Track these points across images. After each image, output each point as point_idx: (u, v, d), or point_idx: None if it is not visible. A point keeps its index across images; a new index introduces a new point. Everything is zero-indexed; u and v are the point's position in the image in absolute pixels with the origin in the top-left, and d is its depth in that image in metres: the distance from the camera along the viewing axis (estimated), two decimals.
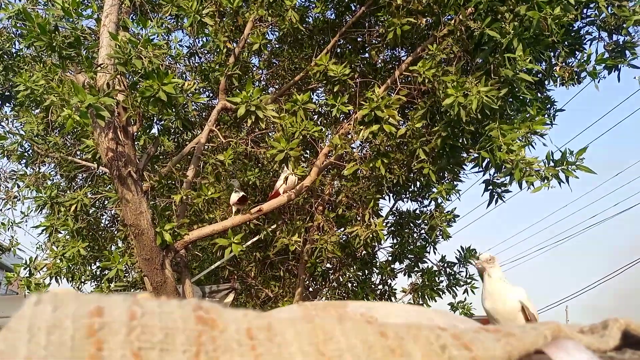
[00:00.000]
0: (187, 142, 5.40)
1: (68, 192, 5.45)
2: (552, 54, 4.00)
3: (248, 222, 4.61)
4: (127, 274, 6.25)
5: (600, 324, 0.45)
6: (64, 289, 0.30)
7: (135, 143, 3.91)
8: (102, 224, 5.99)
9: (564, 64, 4.13)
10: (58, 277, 4.34)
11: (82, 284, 5.39)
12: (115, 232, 5.71)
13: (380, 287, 5.98)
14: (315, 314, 0.38)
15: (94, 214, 5.33)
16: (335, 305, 0.56)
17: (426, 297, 5.43)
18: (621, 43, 4.17)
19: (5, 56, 5.16)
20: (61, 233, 4.68)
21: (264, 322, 0.31)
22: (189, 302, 0.31)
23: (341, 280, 6.10)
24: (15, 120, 5.24)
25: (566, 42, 4.05)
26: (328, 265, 5.95)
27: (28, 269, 4.27)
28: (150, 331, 0.28)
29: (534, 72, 3.41)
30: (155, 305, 0.30)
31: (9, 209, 5.04)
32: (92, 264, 5.51)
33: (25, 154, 5.07)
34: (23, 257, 6.49)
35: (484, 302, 2.15)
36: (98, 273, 5.83)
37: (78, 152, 5.47)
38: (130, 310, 0.29)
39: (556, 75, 3.97)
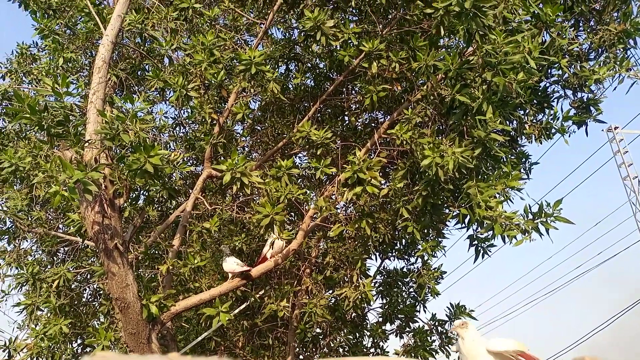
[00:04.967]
0: (171, 211, 5.40)
1: (50, 267, 5.34)
2: (521, 112, 4.23)
3: (235, 289, 4.56)
4: (111, 350, 6.01)
5: None
6: (110, 353, 0.35)
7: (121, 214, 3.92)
8: (84, 299, 5.83)
9: (533, 121, 4.37)
10: (39, 358, 4.17)
11: None
12: (98, 307, 5.56)
13: (372, 350, 5.85)
14: None
15: (76, 289, 5.21)
16: None
17: (419, 358, 5.33)
18: (585, 100, 4.45)
19: None
20: (42, 310, 4.54)
21: None
22: None
23: (332, 345, 5.96)
24: None
25: (534, 101, 4.31)
26: (318, 330, 5.83)
27: (7, 350, 4.11)
28: None
29: (505, 131, 3.60)
30: None
31: None
32: (74, 342, 5.30)
33: (8, 230, 5.01)
34: (1, 338, 6.20)
35: None
36: (79, 351, 5.60)
37: (60, 226, 5.42)
38: None
39: (526, 133, 4.18)
